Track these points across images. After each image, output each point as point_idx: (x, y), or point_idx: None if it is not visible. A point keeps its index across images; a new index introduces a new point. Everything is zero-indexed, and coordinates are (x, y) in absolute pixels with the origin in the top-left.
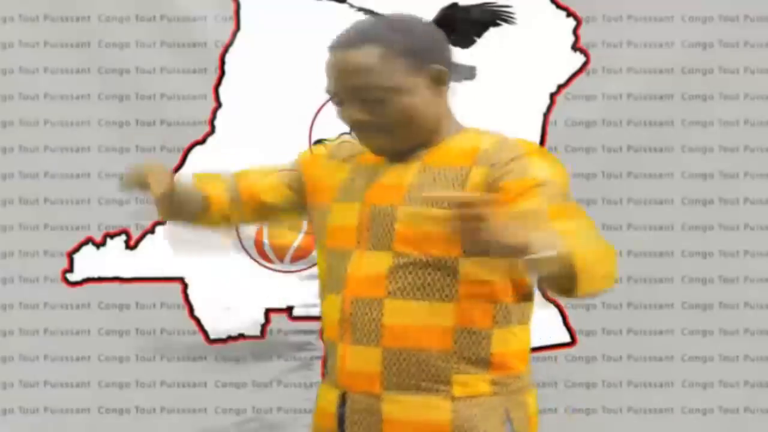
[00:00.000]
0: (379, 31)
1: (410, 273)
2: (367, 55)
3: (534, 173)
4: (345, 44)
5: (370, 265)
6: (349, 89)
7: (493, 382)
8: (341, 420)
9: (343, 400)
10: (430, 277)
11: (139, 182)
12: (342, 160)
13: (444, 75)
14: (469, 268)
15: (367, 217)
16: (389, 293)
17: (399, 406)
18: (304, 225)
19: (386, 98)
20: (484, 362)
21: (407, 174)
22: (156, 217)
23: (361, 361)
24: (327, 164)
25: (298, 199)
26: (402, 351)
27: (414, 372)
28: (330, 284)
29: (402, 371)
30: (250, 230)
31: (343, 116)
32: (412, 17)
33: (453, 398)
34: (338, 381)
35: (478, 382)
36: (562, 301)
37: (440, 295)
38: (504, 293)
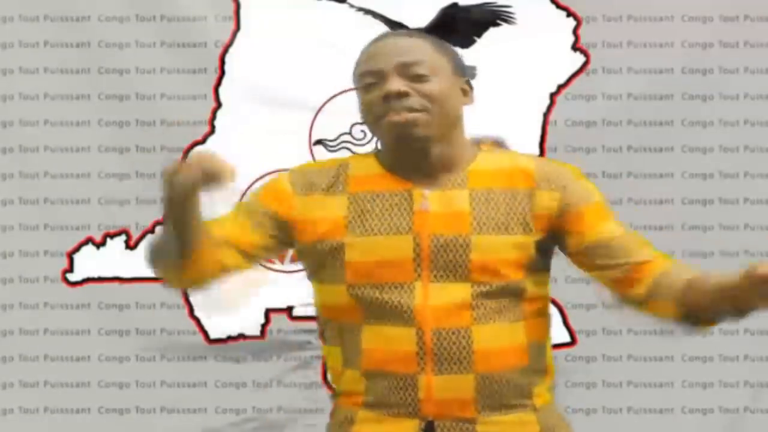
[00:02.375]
0: (429, 36)
1: (489, 299)
2: (422, 43)
3: (595, 196)
4: (399, 34)
5: (447, 296)
6: (397, 64)
7: (549, 389)
8: None
9: (429, 428)
10: (506, 300)
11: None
12: (325, 191)
13: (470, 91)
14: (531, 287)
15: (429, 249)
16: (475, 320)
17: (494, 427)
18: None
19: (430, 76)
20: (545, 371)
21: (459, 201)
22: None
23: (452, 389)
24: (307, 200)
25: (282, 242)
26: (493, 374)
27: (505, 392)
28: (375, 318)
29: (494, 393)
30: None
31: (383, 89)
32: None
33: (536, 410)
34: (421, 411)
35: (545, 391)
36: (562, 301)
37: (515, 315)
38: (548, 306)
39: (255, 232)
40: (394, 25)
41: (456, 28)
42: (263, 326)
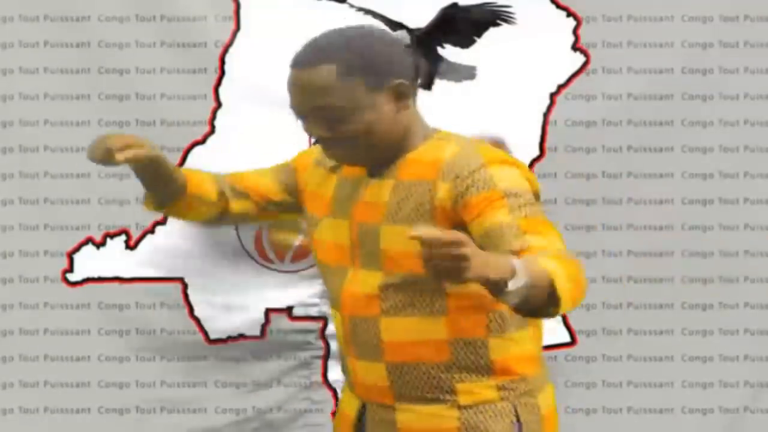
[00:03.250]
0: (337, 49)
1: (400, 291)
2: (325, 75)
3: (498, 185)
4: (303, 62)
5: (362, 284)
6: (309, 108)
7: (499, 388)
8: (362, 428)
9: (363, 409)
10: (419, 293)
11: (103, 150)
12: (329, 169)
13: (406, 89)
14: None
15: (356, 236)
16: (383, 311)
17: (412, 416)
18: (304, 224)
19: (345, 117)
20: (486, 369)
21: (383, 191)
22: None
23: (369, 375)
24: (315, 171)
25: (292, 200)
26: (404, 365)
27: (418, 384)
28: (330, 298)
29: (407, 384)
30: (250, 230)
31: (306, 131)
32: (372, 31)
33: (459, 406)
34: (356, 392)
35: (483, 389)
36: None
37: (431, 309)
38: (496, 302)
39: (273, 186)
40: (394, 25)
41: (456, 28)
42: (263, 326)
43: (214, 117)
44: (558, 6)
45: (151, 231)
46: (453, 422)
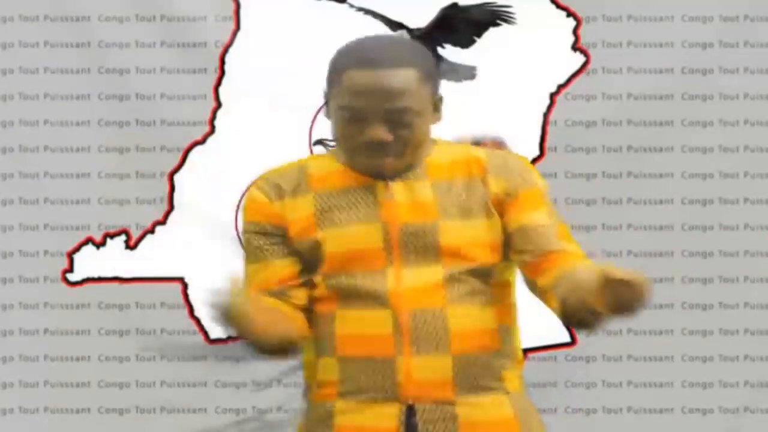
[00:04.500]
0: (416, 54)
1: (460, 282)
2: (408, 78)
3: (540, 185)
4: (382, 63)
5: (420, 278)
6: (382, 110)
7: (519, 377)
8: (413, 431)
9: (410, 412)
10: (475, 283)
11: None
12: (292, 194)
13: (441, 104)
14: (497, 272)
15: (398, 236)
16: (449, 301)
17: (474, 409)
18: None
19: (414, 121)
20: (514, 358)
21: (422, 191)
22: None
23: (430, 370)
24: (282, 204)
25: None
26: (469, 355)
27: (480, 374)
28: (349, 305)
29: (470, 374)
30: None
31: (366, 134)
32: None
33: (508, 393)
34: (401, 395)
35: (514, 377)
36: None
37: (485, 298)
38: (514, 294)
39: (287, 264)
40: (394, 25)
41: (456, 28)
42: None
43: (214, 117)
44: (558, 6)
45: (151, 231)
46: (509, 409)
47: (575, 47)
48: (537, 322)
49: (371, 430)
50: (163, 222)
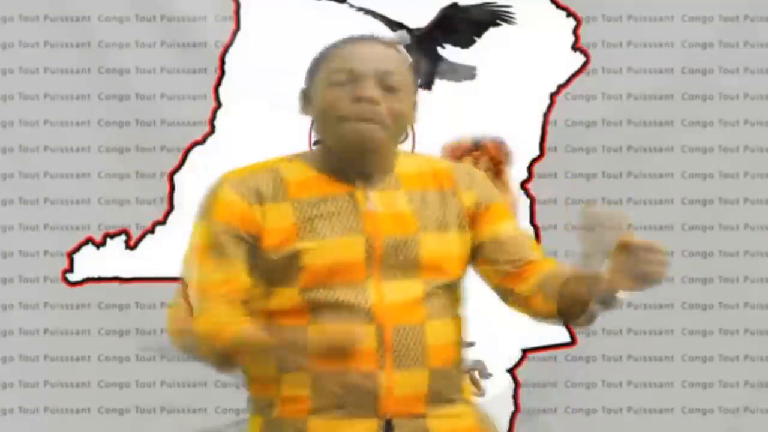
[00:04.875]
0: (400, 50)
1: (436, 296)
2: (397, 56)
3: (499, 196)
4: (373, 39)
5: (400, 294)
6: (373, 70)
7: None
8: None
9: (388, 427)
10: (446, 297)
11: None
12: (272, 199)
13: (417, 108)
14: (461, 286)
15: (381, 248)
16: (427, 317)
17: (442, 421)
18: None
19: (402, 90)
20: (464, 368)
21: (399, 201)
22: None
23: (409, 385)
24: (262, 209)
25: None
26: (441, 369)
27: (448, 386)
28: (334, 317)
29: (441, 387)
30: None
31: (358, 91)
32: None
33: (467, 402)
34: (380, 410)
35: (467, 387)
36: None
37: (452, 312)
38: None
39: (243, 274)
40: (394, 25)
41: (456, 28)
42: None
43: (214, 117)
44: (558, 6)
45: (151, 231)
46: (471, 418)
47: (575, 47)
48: (537, 322)
49: None
50: (163, 222)
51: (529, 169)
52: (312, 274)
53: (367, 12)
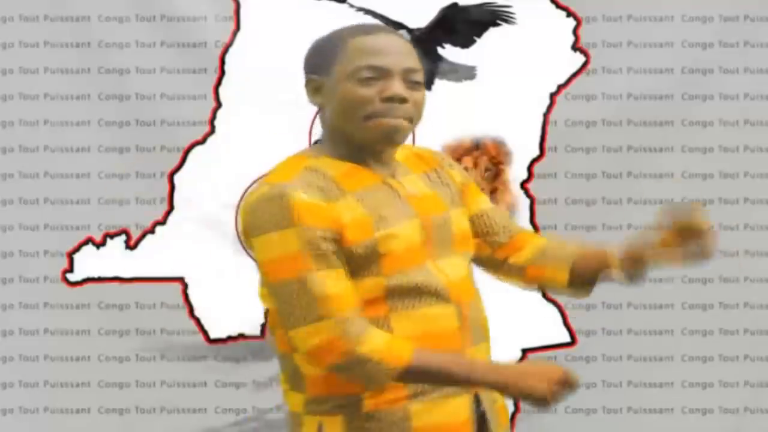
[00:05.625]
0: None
1: (471, 269)
2: (413, 49)
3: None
4: (391, 31)
5: (456, 270)
6: (402, 68)
7: None
8: (481, 420)
9: (477, 401)
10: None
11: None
12: (338, 196)
13: None
14: None
15: (431, 229)
16: (476, 290)
17: (490, 392)
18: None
19: (421, 84)
20: None
21: (420, 184)
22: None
23: (482, 358)
24: (336, 206)
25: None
26: (489, 342)
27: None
28: (413, 300)
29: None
30: None
31: (389, 90)
32: None
33: None
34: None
35: None
36: (562, 301)
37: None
38: None
39: (343, 275)
40: (395, 25)
41: (456, 28)
42: (263, 326)
43: (214, 117)
44: (558, 6)
45: (151, 231)
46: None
47: (575, 47)
48: (537, 322)
49: (447, 426)
50: (163, 222)
51: (529, 169)
52: (393, 261)
53: (367, 12)
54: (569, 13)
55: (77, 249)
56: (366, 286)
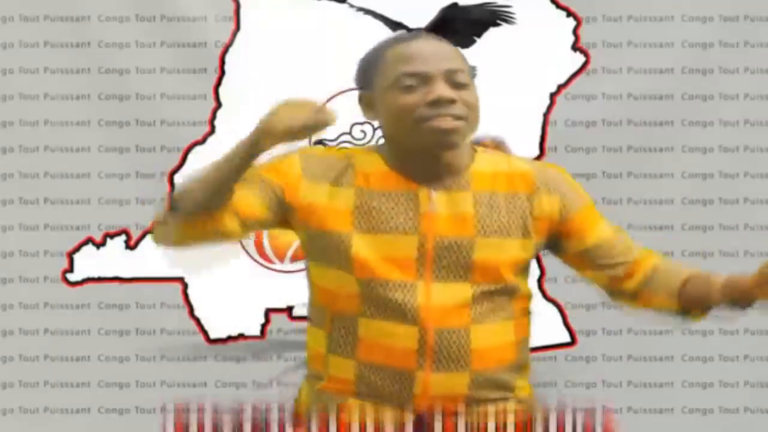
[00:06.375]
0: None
1: (487, 300)
2: (456, 50)
3: (586, 198)
4: (429, 36)
5: (448, 297)
6: (443, 70)
7: (530, 383)
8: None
9: (419, 420)
10: (500, 300)
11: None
12: (333, 182)
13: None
14: (522, 287)
15: (433, 249)
16: (473, 320)
17: (480, 418)
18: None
19: (470, 84)
20: (526, 365)
21: (463, 203)
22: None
23: (447, 386)
24: (313, 186)
25: (274, 219)
26: (486, 371)
27: (492, 387)
28: (376, 313)
29: (484, 388)
30: None
31: (432, 94)
32: None
33: (519, 401)
34: (414, 405)
35: (526, 384)
36: (562, 301)
37: (507, 314)
38: (531, 304)
39: (257, 203)
40: (394, 25)
41: (456, 28)
42: (263, 326)
43: (214, 117)
44: (558, 6)
45: (151, 231)
46: (515, 416)
47: (575, 47)
48: (537, 322)
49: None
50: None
51: None
52: (361, 265)
53: (367, 12)
54: (569, 13)
55: (77, 249)
56: (335, 275)
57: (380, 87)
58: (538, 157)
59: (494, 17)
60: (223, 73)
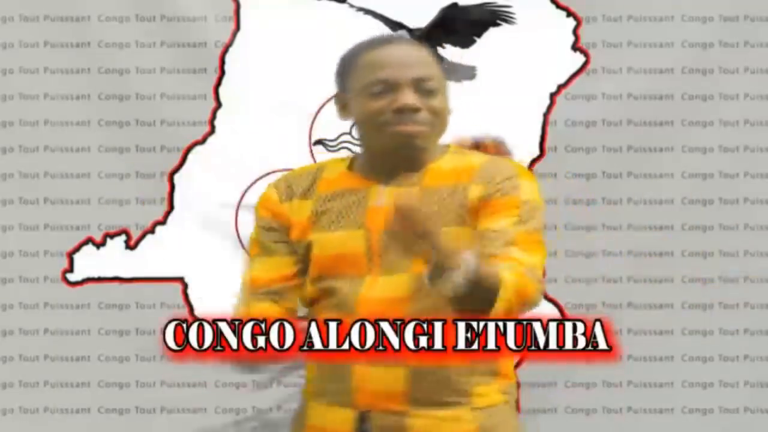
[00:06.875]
0: (427, 47)
1: (427, 294)
2: (427, 56)
3: (521, 195)
4: (398, 40)
5: (389, 289)
6: (410, 78)
7: (503, 392)
8: None
9: (362, 419)
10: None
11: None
12: (301, 196)
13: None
14: None
15: (378, 243)
16: (412, 314)
17: (427, 421)
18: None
19: (438, 90)
20: (495, 373)
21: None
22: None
23: (383, 381)
24: (290, 206)
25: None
26: (425, 370)
27: (437, 388)
28: (330, 309)
29: (425, 388)
30: (250, 230)
31: (397, 102)
32: None
33: (473, 409)
34: (355, 401)
35: (492, 392)
36: (562, 301)
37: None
38: None
39: (282, 263)
40: (394, 25)
41: (456, 29)
42: None
43: (214, 117)
44: (558, 6)
45: (151, 231)
46: (470, 425)
47: (575, 47)
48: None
49: (326, 429)
50: (163, 222)
51: (529, 169)
52: (317, 265)
53: (367, 12)
54: (569, 13)
55: (77, 249)
56: (307, 284)
57: (352, 90)
58: (538, 158)
59: (494, 17)
60: (223, 73)
